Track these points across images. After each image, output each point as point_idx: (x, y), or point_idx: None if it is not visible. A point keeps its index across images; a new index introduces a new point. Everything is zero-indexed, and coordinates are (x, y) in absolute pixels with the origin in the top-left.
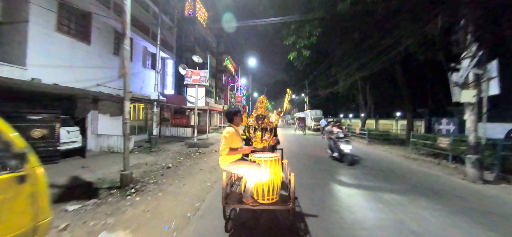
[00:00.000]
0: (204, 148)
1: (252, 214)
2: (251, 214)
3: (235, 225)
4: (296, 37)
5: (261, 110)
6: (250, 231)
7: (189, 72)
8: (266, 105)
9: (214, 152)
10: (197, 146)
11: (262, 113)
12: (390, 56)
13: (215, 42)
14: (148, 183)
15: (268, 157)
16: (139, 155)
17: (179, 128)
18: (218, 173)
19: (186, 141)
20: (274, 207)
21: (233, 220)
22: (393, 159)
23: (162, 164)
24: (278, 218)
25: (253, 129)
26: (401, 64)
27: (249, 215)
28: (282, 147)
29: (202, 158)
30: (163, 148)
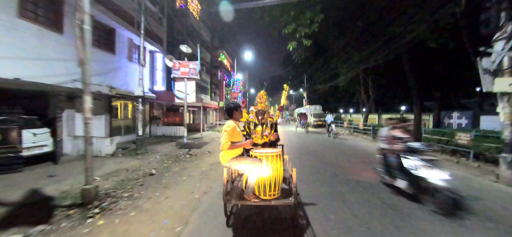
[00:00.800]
0: (196, 149)
1: (253, 209)
2: (253, 209)
3: (237, 220)
4: (296, 25)
5: (261, 106)
6: (252, 226)
7: (176, 63)
8: (266, 101)
9: (207, 154)
10: (189, 147)
11: (262, 109)
12: (397, 45)
13: (210, 37)
14: (121, 198)
15: (270, 153)
16: (121, 159)
17: (172, 127)
18: (210, 181)
19: (178, 141)
20: (276, 203)
21: (234, 215)
22: None
23: (145, 170)
24: (279, 212)
25: (253, 125)
26: (409, 54)
27: (251, 210)
28: (282, 143)
29: (193, 161)
30: (151, 150)
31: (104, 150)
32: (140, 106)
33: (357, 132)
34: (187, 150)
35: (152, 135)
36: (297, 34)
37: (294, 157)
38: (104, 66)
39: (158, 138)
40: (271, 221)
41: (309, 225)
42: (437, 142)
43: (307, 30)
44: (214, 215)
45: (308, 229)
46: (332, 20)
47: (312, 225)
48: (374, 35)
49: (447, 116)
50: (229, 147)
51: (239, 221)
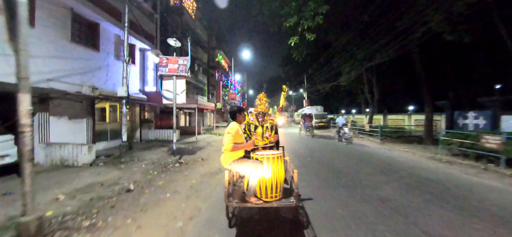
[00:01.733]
0: (189, 156)
1: (254, 210)
2: (254, 210)
3: (238, 221)
4: (298, 18)
5: (261, 107)
6: (254, 226)
7: (163, 59)
8: (266, 102)
9: (200, 162)
10: (180, 153)
11: (262, 110)
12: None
13: (206, 36)
14: (78, 230)
15: (270, 155)
16: (100, 170)
17: (165, 131)
18: (199, 200)
19: (171, 146)
20: (278, 205)
21: (236, 216)
22: (424, 163)
23: (123, 185)
24: (280, 213)
25: (253, 127)
26: (420, 50)
27: (252, 211)
28: (282, 145)
29: (183, 171)
30: (138, 157)
31: (81, 159)
32: (124, 108)
33: (363, 134)
34: (178, 157)
35: (144, 139)
36: (299, 28)
37: (302, 170)
38: (86, 64)
39: (149, 142)
40: (272, 222)
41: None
42: (459, 146)
43: (310, 23)
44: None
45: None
46: (335, 14)
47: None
48: (381, 29)
49: (461, 116)
50: (232, 148)
51: (240, 222)
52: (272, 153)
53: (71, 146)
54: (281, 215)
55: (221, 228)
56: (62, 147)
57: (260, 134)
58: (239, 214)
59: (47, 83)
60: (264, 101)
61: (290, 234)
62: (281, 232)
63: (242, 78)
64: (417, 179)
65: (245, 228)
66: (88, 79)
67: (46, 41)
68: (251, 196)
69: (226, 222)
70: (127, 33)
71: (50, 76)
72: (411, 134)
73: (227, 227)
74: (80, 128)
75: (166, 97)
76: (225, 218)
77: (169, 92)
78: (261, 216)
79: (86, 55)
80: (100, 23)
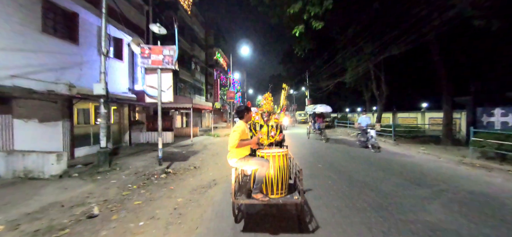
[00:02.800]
0: (180, 163)
1: (260, 206)
2: (260, 205)
3: (245, 216)
4: (303, 3)
5: (266, 107)
6: (260, 221)
7: (145, 49)
8: (271, 102)
9: (192, 171)
10: (170, 159)
11: (268, 110)
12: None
13: (204, 34)
14: None
15: (276, 153)
16: (69, 183)
17: None
18: (182, 232)
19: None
20: (284, 202)
21: (242, 212)
22: (458, 170)
23: (89, 206)
24: (286, 208)
25: (259, 126)
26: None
27: (258, 206)
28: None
29: (169, 184)
30: (122, 165)
31: (48, 170)
32: (102, 108)
33: None
34: (166, 166)
35: (134, 143)
36: (305, 15)
37: (320, 192)
38: (63, 60)
39: (140, 146)
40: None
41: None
42: (497, 148)
43: (318, 9)
44: None
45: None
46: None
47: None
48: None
49: (486, 113)
50: (238, 145)
51: (246, 217)
52: (277, 151)
53: (35, 154)
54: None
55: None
56: (25, 156)
57: (266, 133)
58: (245, 209)
59: (10, 80)
60: (270, 100)
61: (293, 227)
62: (286, 225)
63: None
64: (465, 193)
65: (250, 223)
66: (65, 76)
67: (10, 31)
68: (258, 193)
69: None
70: (104, 20)
71: (15, 72)
72: (425, 134)
73: (234, 222)
74: (54, 132)
75: (149, 94)
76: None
77: (153, 89)
78: (266, 212)
79: (62, 48)
80: (79, 13)
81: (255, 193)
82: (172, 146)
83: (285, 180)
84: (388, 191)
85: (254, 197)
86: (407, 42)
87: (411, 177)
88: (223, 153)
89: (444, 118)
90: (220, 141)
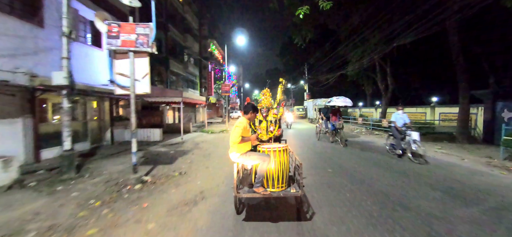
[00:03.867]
0: (163, 167)
1: (261, 197)
2: (260, 198)
3: (246, 207)
4: None
5: (265, 102)
6: (260, 212)
7: (113, 26)
8: (270, 97)
9: (175, 179)
10: (153, 162)
11: (266, 105)
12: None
13: (197, 24)
14: None
15: (277, 147)
16: (17, 197)
17: (146, 130)
18: None
19: (147, 150)
20: (285, 195)
21: (243, 203)
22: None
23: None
24: (285, 200)
25: (258, 121)
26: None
27: (258, 198)
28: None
29: (143, 199)
30: (93, 170)
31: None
32: (65, 103)
33: (378, 130)
34: (145, 172)
35: (117, 141)
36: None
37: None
38: (23, 45)
39: (123, 145)
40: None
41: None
42: None
43: None
44: None
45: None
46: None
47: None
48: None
49: (507, 107)
50: (240, 141)
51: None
52: (277, 146)
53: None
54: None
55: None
56: None
57: (265, 128)
58: (246, 201)
59: None
60: (268, 95)
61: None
62: (285, 215)
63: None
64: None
65: (252, 212)
66: (27, 63)
67: None
68: (259, 187)
69: None
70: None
71: None
72: (436, 131)
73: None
74: (11, 131)
75: (119, 84)
76: None
77: (125, 77)
78: (267, 203)
79: (22, 31)
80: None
81: (256, 186)
82: (160, 144)
83: (285, 174)
84: (428, 210)
85: (255, 190)
86: (421, 30)
87: (444, 188)
88: (216, 153)
89: (460, 113)
90: (214, 139)
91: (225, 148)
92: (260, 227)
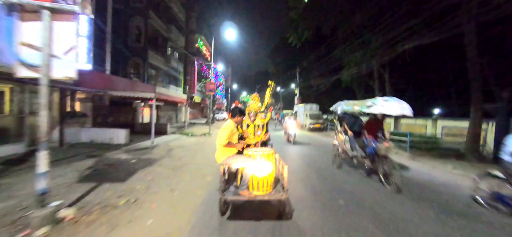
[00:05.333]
0: (109, 187)
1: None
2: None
3: (231, 206)
4: None
5: (253, 106)
6: (244, 214)
7: None
8: (258, 102)
9: (116, 214)
10: (96, 178)
11: (255, 110)
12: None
13: (184, 16)
14: None
15: (263, 152)
16: None
17: (108, 130)
18: None
19: (102, 157)
20: (269, 198)
21: (228, 203)
22: None
23: None
24: (270, 203)
25: (245, 125)
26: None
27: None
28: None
29: None
30: (2, 190)
31: None
32: None
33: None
34: (70, 202)
35: (68, 143)
36: None
37: None
38: None
39: (75, 148)
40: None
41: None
42: None
43: None
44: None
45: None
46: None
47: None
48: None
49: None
50: (226, 145)
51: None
52: (264, 150)
53: None
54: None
55: None
56: None
57: (252, 133)
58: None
59: None
60: (257, 100)
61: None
62: (268, 213)
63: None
64: None
65: (236, 212)
66: None
67: None
68: (244, 190)
69: None
70: None
71: None
72: (441, 146)
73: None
74: None
75: (25, 61)
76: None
77: (35, 51)
78: (251, 203)
79: None
80: None
81: (242, 190)
82: (123, 149)
83: (271, 177)
84: None
85: (241, 193)
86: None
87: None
88: (191, 164)
89: (471, 127)
90: (193, 144)
91: (203, 157)
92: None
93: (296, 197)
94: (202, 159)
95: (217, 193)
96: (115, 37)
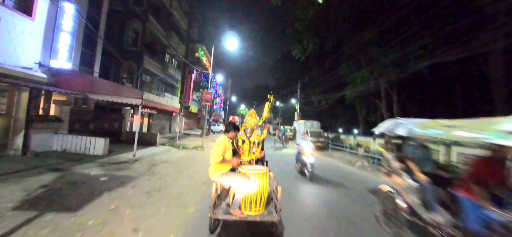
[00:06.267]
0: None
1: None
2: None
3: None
4: None
5: (250, 123)
6: (234, 233)
7: None
8: (255, 118)
9: None
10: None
11: (251, 126)
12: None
13: (186, 24)
14: None
15: (257, 170)
16: None
17: (85, 139)
18: None
19: (67, 172)
20: (261, 219)
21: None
22: None
23: None
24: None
25: (241, 141)
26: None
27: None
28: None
29: None
30: None
31: None
32: None
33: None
34: None
35: (33, 150)
36: None
37: None
38: None
39: (41, 158)
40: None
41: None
42: None
43: None
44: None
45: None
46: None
47: None
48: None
49: None
50: (220, 162)
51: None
52: (258, 168)
53: None
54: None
55: None
56: None
57: (247, 150)
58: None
59: None
60: (254, 117)
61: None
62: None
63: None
64: None
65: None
66: None
67: None
68: (236, 209)
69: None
70: None
71: None
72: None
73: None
74: None
75: None
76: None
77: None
78: (242, 223)
79: None
80: None
81: (233, 209)
82: (98, 162)
83: (264, 197)
84: None
85: (232, 212)
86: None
87: None
88: (173, 187)
89: None
90: (182, 158)
91: (190, 177)
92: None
93: None
94: (188, 179)
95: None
96: (110, 38)
